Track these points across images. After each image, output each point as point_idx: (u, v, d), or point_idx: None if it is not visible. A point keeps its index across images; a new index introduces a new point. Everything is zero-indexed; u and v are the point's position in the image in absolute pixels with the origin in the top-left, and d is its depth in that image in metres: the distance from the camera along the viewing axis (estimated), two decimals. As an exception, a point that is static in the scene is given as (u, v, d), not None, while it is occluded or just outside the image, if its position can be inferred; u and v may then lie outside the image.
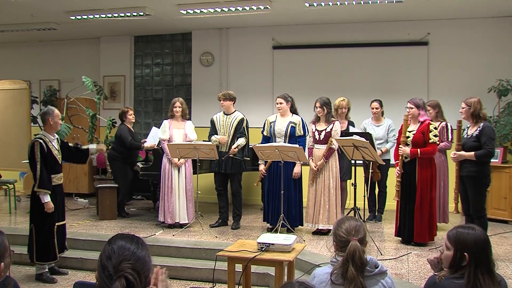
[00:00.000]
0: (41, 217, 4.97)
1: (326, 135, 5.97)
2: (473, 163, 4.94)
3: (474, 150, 4.92)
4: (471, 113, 5.00)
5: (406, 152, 5.34)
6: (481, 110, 5.00)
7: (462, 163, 5.03)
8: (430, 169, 5.38)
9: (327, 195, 5.93)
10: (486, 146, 4.87)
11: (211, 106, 8.41)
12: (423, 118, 5.45)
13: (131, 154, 7.29)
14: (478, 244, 2.28)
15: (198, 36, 9.01)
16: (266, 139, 6.34)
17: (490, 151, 4.88)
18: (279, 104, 6.22)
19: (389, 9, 7.28)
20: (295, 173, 6.06)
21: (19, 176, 9.10)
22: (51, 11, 7.61)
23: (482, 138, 4.90)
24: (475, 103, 4.98)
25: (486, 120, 5.08)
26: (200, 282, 5.09)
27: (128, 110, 7.38)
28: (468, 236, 2.31)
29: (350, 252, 2.31)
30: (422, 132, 5.36)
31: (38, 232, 4.97)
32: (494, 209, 6.93)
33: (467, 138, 5.07)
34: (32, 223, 4.99)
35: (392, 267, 4.75)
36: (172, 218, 6.39)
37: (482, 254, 2.27)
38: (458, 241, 2.32)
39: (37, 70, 10.01)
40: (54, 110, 5.05)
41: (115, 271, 1.75)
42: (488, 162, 5.05)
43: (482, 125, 4.97)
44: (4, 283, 1.98)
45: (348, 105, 6.82)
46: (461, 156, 5.00)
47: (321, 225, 5.97)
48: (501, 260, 5.01)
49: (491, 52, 7.68)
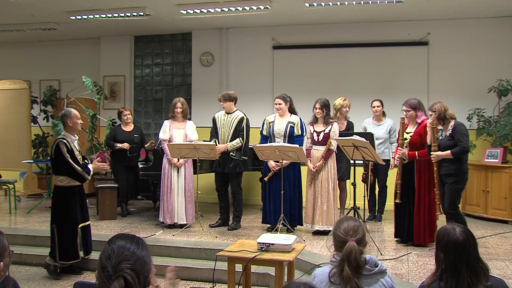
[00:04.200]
0: (62, 217, 5.04)
1: (324, 136, 5.99)
2: (451, 161, 5.09)
3: (450, 149, 5.09)
4: (437, 117, 5.20)
5: (405, 155, 5.35)
6: (446, 112, 5.19)
7: (440, 162, 5.17)
8: (429, 171, 5.38)
9: (325, 196, 5.94)
10: (461, 143, 5.05)
11: (211, 106, 8.41)
12: (421, 119, 5.46)
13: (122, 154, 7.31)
14: (457, 245, 2.25)
15: (198, 36, 9.01)
16: (265, 138, 6.35)
17: (464, 147, 5.07)
18: (278, 105, 6.23)
19: (389, 9, 7.28)
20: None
21: (19, 176, 9.10)
22: (51, 11, 7.61)
23: (456, 136, 5.09)
24: (439, 107, 5.20)
25: (455, 119, 5.22)
26: (200, 282, 5.09)
27: (123, 111, 7.46)
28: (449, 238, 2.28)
29: (347, 253, 2.32)
30: (419, 134, 5.37)
31: (60, 232, 5.03)
32: (494, 209, 6.93)
33: (442, 138, 5.23)
34: (53, 224, 5.06)
35: (392, 267, 4.75)
36: (171, 218, 6.39)
37: (463, 255, 2.24)
38: (439, 241, 2.31)
39: (37, 70, 10.01)
40: (71, 112, 5.12)
41: (114, 271, 1.75)
42: (465, 159, 5.20)
43: (453, 123, 5.16)
44: (4, 283, 1.98)
45: (348, 105, 6.83)
46: (438, 156, 5.13)
47: (318, 226, 5.97)
48: (501, 260, 5.01)
49: (491, 52, 7.67)
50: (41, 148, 9.53)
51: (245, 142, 6.39)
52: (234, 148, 6.32)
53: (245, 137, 6.37)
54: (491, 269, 2.41)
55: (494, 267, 4.69)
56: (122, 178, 7.36)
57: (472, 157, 7.34)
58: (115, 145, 7.24)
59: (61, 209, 5.05)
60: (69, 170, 4.98)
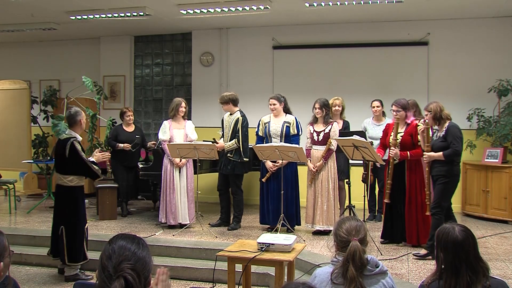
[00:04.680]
0: (74, 218, 4.98)
1: (324, 136, 5.99)
2: (442, 163, 5.03)
3: (443, 150, 5.01)
4: (433, 117, 5.11)
5: (397, 155, 5.34)
6: (441, 112, 5.09)
7: (432, 163, 5.11)
8: (420, 171, 5.38)
9: (325, 196, 5.94)
10: (453, 145, 4.96)
11: (211, 106, 8.41)
12: (410, 119, 5.46)
13: (123, 154, 7.31)
14: (456, 244, 2.25)
15: (198, 36, 9.01)
16: (260, 139, 6.35)
17: (457, 150, 4.97)
18: (272, 105, 6.23)
19: (389, 9, 7.28)
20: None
21: (19, 176, 9.10)
22: (51, 11, 7.61)
23: (449, 137, 5.00)
24: (434, 107, 5.09)
25: (450, 120, 5.14)
26: (200, 282, 5.09)
27: (126, 111, 7.48)
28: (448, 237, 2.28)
29: (351, 252, 2.32)
30: (410, 134, 5.36)
31: (69, 234, 4.94)
32: (494, 209, 6.93)
33: (436, 139, 5.17)
34: (61, 225, 4.96)
35: (392, 267, 4.75)
36: (175, 218, 6.38)
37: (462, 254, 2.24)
38: (439, 241, 2.32)
39: (37, 70, 10.01)
40: (81, 111, 5.19)
41: (115, 271, 1.74)
42: (457, 161, 5.11)
43: (447, 125, 5.07)
44: (4, 283, 1.98)
45: (342, 104, 6.82)
46: (430, 157, 5.08)
47: (318, 226, 5.98)
48: (501, 260, 5.01)
49: (491, 52, 7.67)
50: (41, 148, 9.53)
51: (242, 143, 6.35)
52: (230, 148, 6.32)
53: (240, 138, 6.32)
54: (491, 269, 2.41)
55: (494, 267, 4.70)
56: (122, 178, 7.37)
57: (472, 157, 7.36)
58: (116, 145, 7.25)
59: (72, 209, 4.98)
60: (84, 169, 4.97)
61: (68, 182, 4.99)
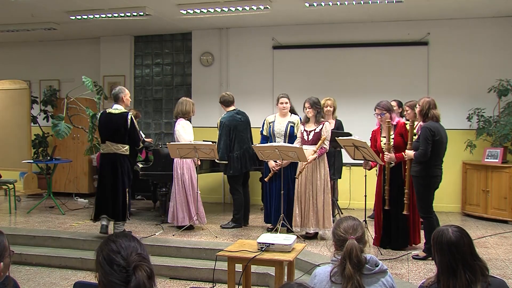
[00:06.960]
0: (130, 181, 5.89)
1: (314, 135, 5.85)
2: (416, 163, 4.97)
3: (416, 150, 4.94)
4: (419, 112, 4.99)
5: (392, 159, 5.24)
6: (429, 110, 4.91)
7: (410, 162, 5.06)
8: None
9: (315, 198, 5.79)
10: (420, 147, 4.86)
11: (211, 106, 8.41)
12: (395, 120, 5.40)
13: None
14: (451, 245, 2.26)
15: (198, 36, 9.01)
16: (265, 139, 6.34)
17: (422, 151, 4.83)
18: (285, 104, 6.19)
19: (389, 9, 7.28)
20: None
21: (19, 176, 9.10)
22: (51, 11, 7.61)
23: (420, 138, 4.90)
24: (424, 102, 4.95)
25: (436, 121, 4.94)
26: (200, 282, 5.09)
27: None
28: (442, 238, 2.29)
29: (347, 250, 2.34)
30: (400, 134, 5.31)
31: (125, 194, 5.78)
32: (494, 209, 6.93)
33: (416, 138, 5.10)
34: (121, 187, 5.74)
35: (392, 267, 4.75)
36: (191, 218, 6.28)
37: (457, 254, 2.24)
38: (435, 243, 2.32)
39: (37, 70, 10.01)
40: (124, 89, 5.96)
41: (128, 264, 1.73)
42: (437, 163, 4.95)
43: (423, 125, 4.96)
44: (4, 283, 1.98)
45: (334, 104, 6.81)
46: (408, 156, 5.03)
47: (311, 229, 5.81)
48: (501, 260, 5.02)
49: (491, 52, 7.67)
50: (41, 148, 9.52)
51: (218, 145, 6.36)
52: None
53: (218, 139, 6.46)
54: (491, 269, 2.41)
55: (494, 267, 4.70)
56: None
57: (472, 157, 7.36)
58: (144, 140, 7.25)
59: (128, 174, 5.79)
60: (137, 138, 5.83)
61: (125, 151, 5.75)
